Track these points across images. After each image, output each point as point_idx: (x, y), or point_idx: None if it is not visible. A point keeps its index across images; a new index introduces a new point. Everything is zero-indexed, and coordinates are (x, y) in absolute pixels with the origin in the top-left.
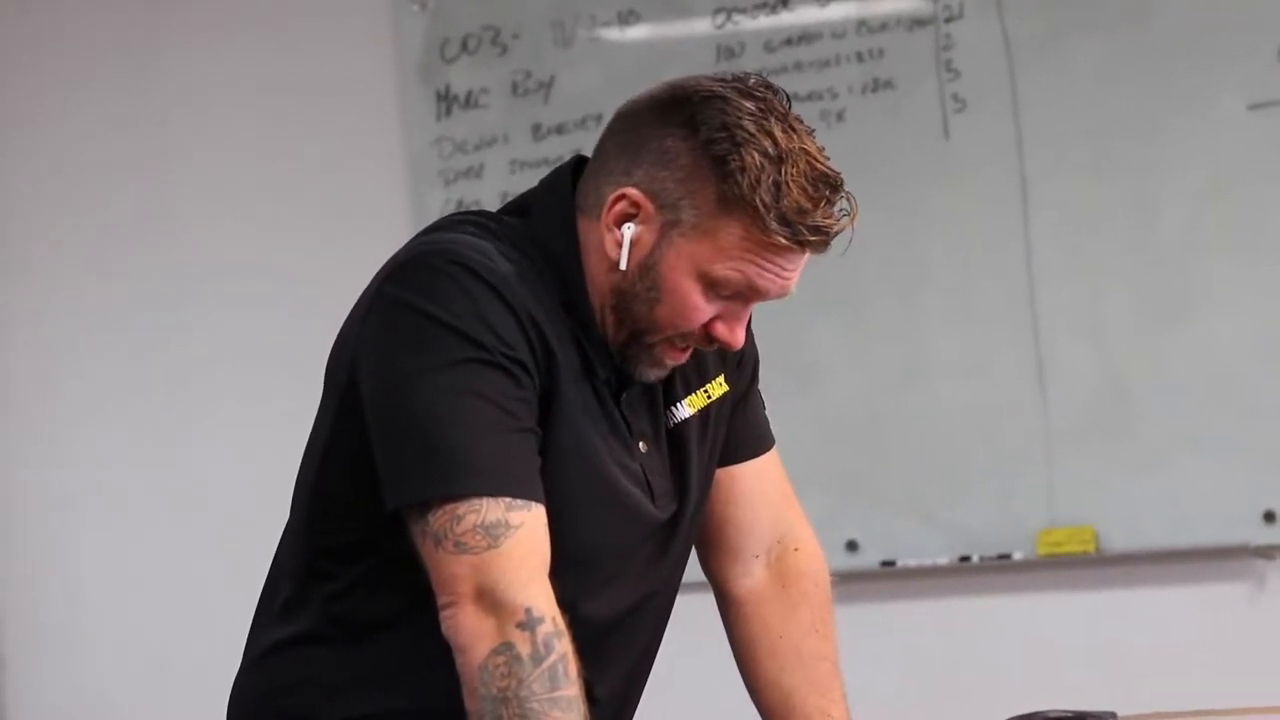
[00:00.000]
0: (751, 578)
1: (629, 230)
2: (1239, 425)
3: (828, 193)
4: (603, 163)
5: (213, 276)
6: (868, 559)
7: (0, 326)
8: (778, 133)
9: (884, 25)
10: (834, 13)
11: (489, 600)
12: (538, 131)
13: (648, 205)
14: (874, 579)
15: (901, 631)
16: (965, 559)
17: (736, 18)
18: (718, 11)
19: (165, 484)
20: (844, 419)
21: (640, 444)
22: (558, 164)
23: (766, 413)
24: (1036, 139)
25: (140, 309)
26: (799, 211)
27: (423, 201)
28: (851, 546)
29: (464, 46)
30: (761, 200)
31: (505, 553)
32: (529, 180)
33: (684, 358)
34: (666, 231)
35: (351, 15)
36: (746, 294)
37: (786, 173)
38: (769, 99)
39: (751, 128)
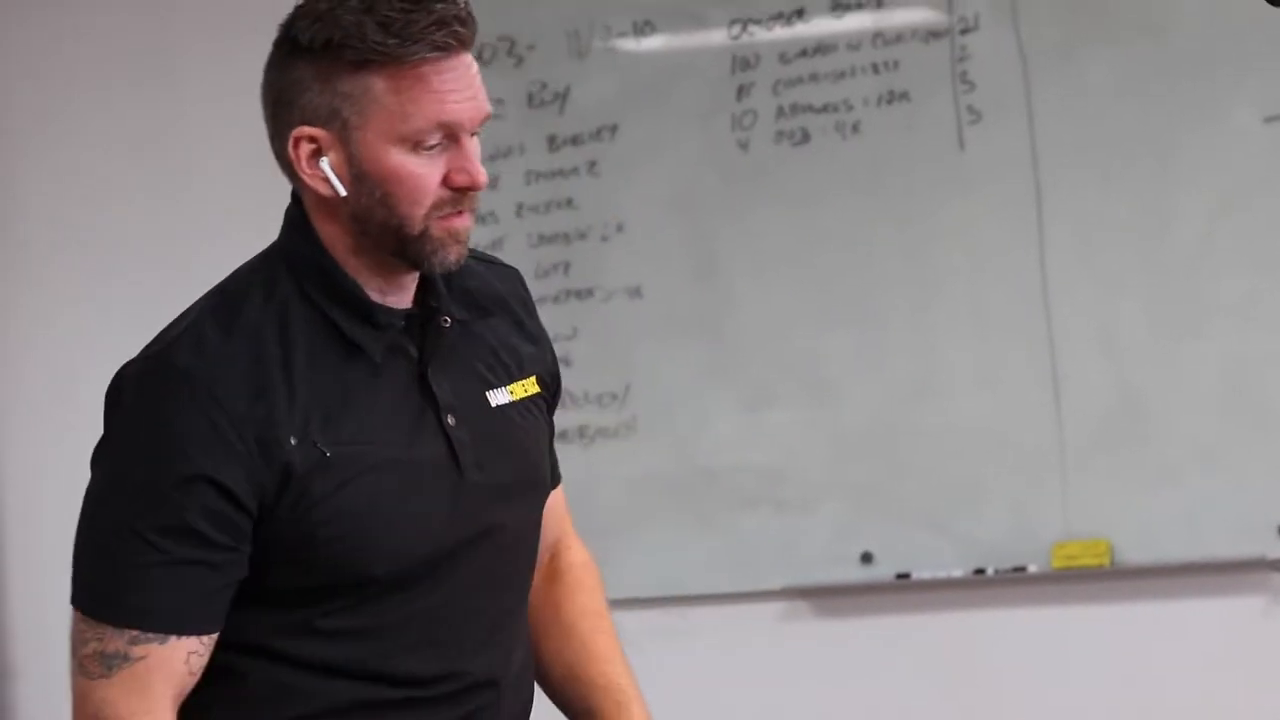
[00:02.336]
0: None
1: (324, 162)
2: (1254, 438)
3: None
4: (272, 138)
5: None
6: (883, 571)
7: (14, 331)
8: None
9: (899, 37)
10: (849, 24)
11: None
12: (553, 142)
13: (318, 131)
14: (889, 591)
15: (916, 643)
16: (980, 571)
17: (752, 28)
18: (733, 22)
19: None
20: (859, 431)
21: (449, 418)
22: (573, 175)
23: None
24: (1051, 151)
25: (152, 318)
26: (409, 23)
27: None
28: (866, 558)
29: (479, 57)
30: (376, 42)
31: (117, 682)
32: (544, 191)
33: (468, 219)
34: (346, 136)
35: None
36: (449, 129)
37: (379, 8)
38: None
39: (330, 1)
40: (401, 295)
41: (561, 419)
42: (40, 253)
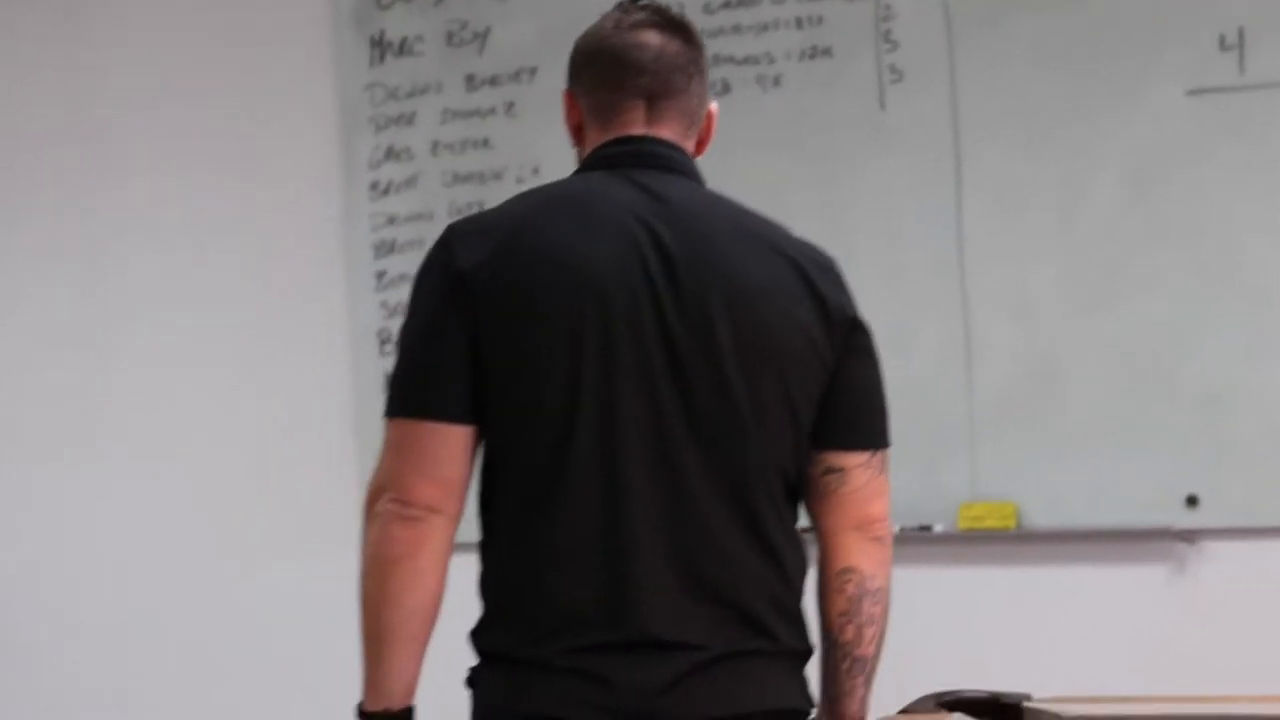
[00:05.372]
0: None
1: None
2: (1163, 409)
3: None
4: (693, 96)
5: (140, 220)
6: None
7: None
8: None
9: None
10: None
11: None
12: (471, 82)
13: None
14: None
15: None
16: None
17: None
18: None
19: (86, 429)
20: None
21: None
22: (490, 115)
23: None
24: (972, 115)
25: (66, 254)
26: None
27: (353, 147)
28: None
29: None
30: None
31: None
32: (460, 130)
33: None
34: None
35: None
36: None
37: None
38: None
39: None
40: None
41: None
42: None
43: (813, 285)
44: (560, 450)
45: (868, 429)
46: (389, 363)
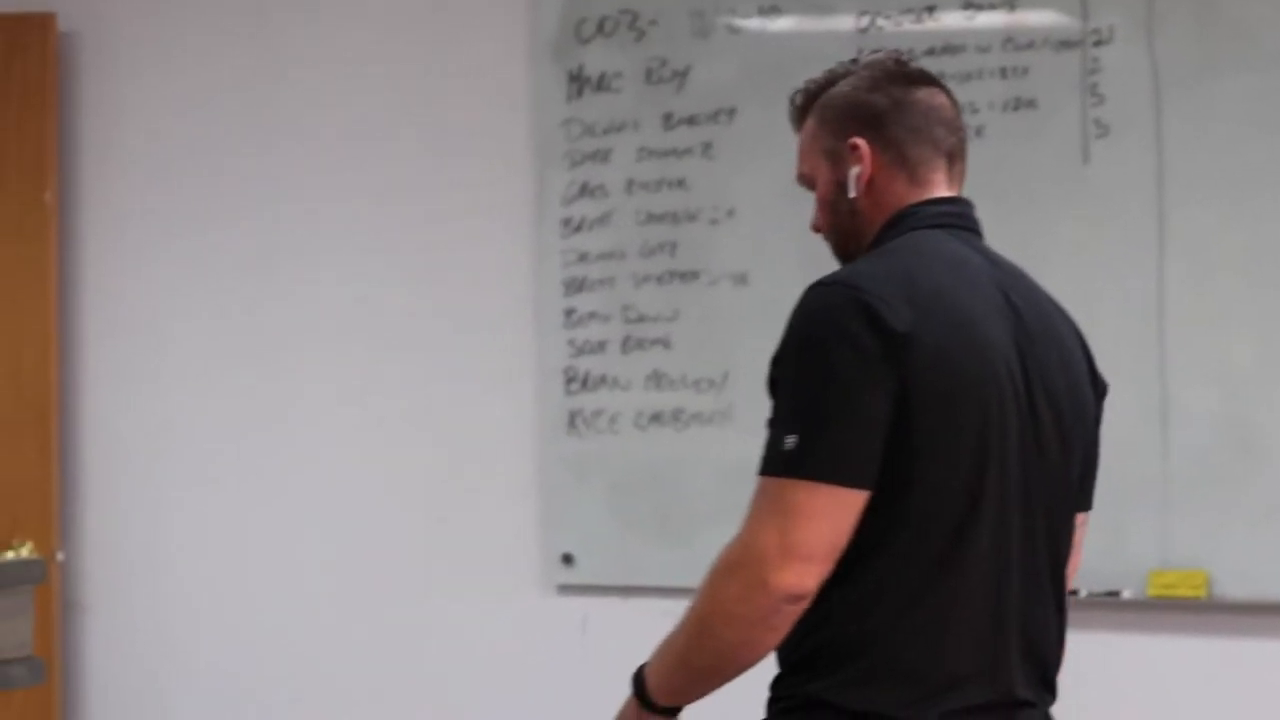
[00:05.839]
0: None
1: None
2: None
3: None
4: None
5: (329, 246)
6: None
7: (109, 279)
8: None
9: (1030, 43)
10: (981, 23)
11: None
12: (668, 121)
13: None
14: None
15: None
16: (1073, 592)
17: (880, 21)
18: (862, 13)
19: (262, 446)
20: None
21: None
22: (687, 155)
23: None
24: (1178, 172)
25: (253, 274)
26: None
27: (547, 182)
28: None
29: (600, 28)
30: None
31: None
32: (656, 169)
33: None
34: None
35: None
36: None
37: None
38: None
39: None
40: None
41: (658, 400)
42: (136, 200)
43: (1089, 354)
44: (969, 517)
45: (1092, 492)
46: (574, 401)
